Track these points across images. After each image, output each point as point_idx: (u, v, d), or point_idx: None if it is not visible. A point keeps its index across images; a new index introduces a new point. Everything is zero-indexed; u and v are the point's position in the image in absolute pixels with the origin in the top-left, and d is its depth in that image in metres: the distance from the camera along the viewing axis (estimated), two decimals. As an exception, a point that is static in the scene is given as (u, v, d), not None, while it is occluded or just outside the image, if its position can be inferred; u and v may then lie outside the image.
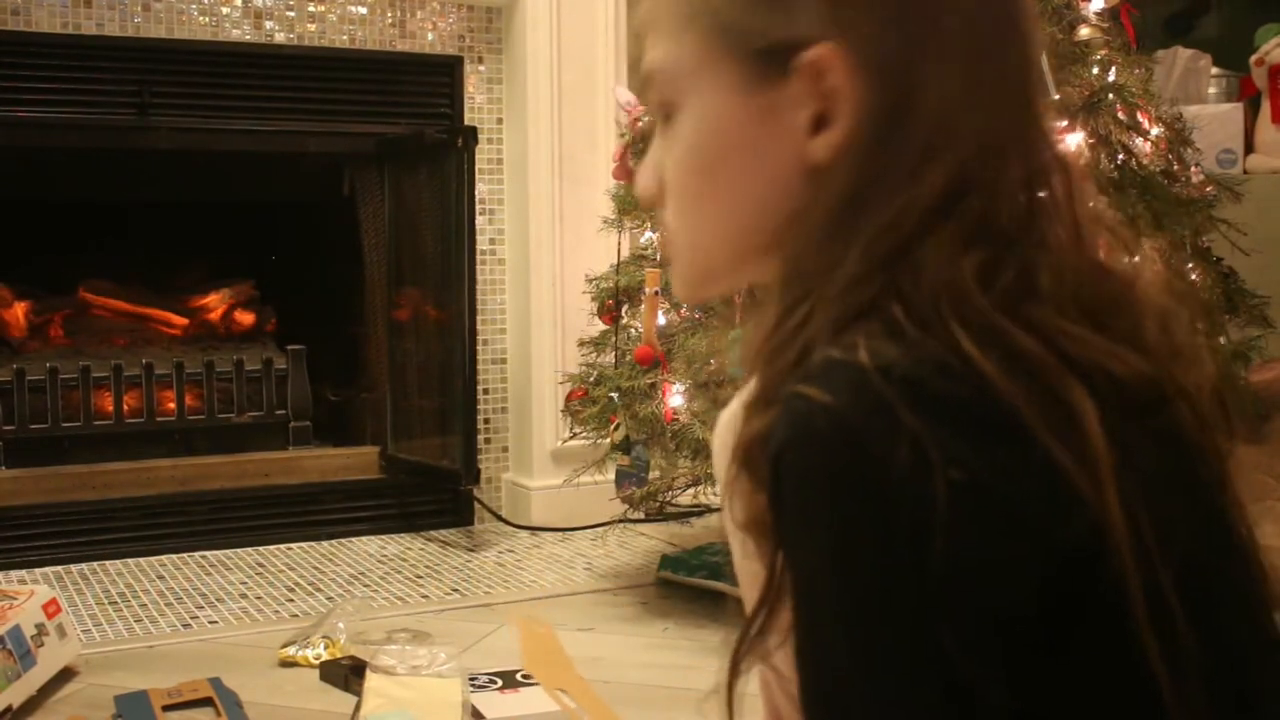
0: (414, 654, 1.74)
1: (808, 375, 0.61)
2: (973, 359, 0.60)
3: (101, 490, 2.55)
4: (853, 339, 0.62)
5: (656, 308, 2.13)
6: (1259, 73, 3.01)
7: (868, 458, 0.58)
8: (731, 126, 0.72)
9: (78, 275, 2.91)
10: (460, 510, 2.80)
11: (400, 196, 2.79)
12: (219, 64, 2.60)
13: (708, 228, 0.76)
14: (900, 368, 0.60)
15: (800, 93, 0.69)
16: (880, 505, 0.58)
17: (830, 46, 0.67)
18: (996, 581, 0.59)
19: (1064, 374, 0.62)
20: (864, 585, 0.59)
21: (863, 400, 0.59)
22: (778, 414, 0.62)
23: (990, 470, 0.59)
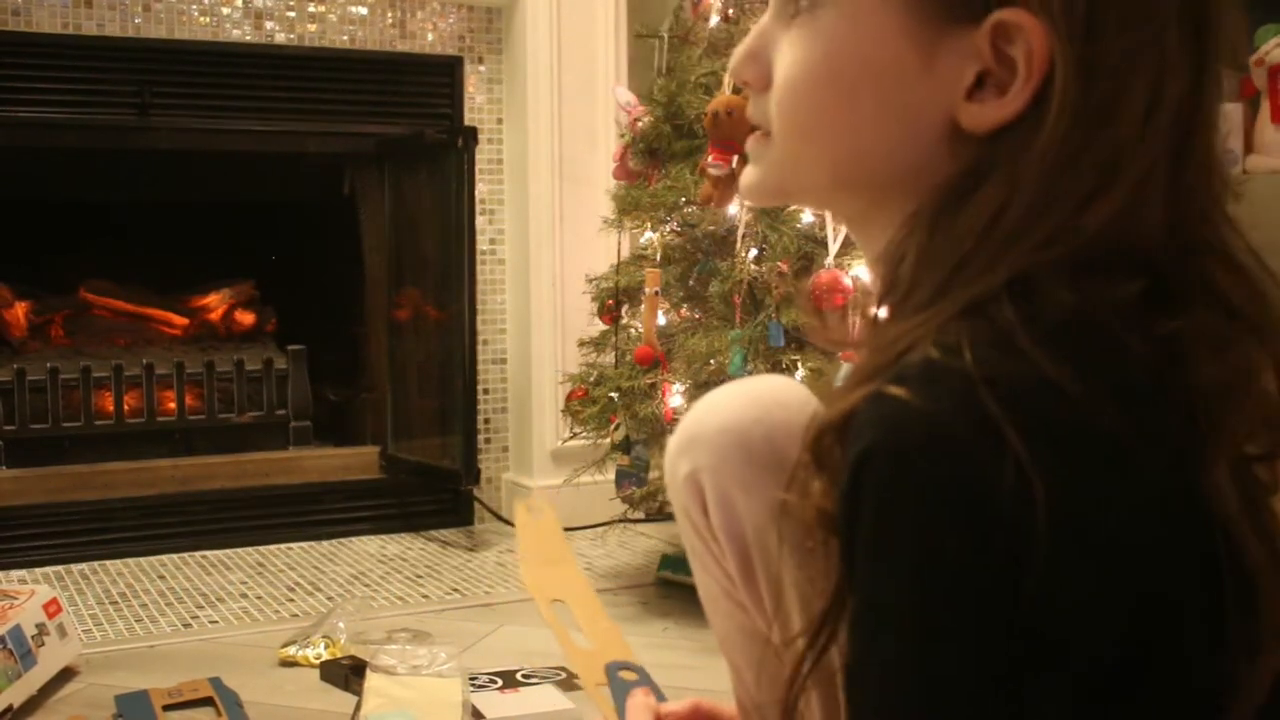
0: (414, 654, 1.74)
1: (903, 375, 0.57)
2: (1083, 385, 0.56)
3: (102, 490, 2.55)
4: (956, 340, 0.57)
5: (656, 308, 2.13)
6: (1259, 73, 3.01)
7: (969, 477, 0.54)
8: (886, 52, 0.65)
9: (78, 275, 2.91)
10: (460, 510, 2.80)
11: (400, 196, 2.79)
12: (219, 64, 2.60)
13: (814, 146, 0.70)
14: (1008, 382, 0.55)
15: (978, 48, 0.63)
16: (976, 529, 0.54)
17: (1034, 19, 0.61)
18: (1083, 619, 0.55)
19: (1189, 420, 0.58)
20: (945, 610, 0.55)
21: (968, 413, 0.55)
22: (864, 411, 0.57)
23: (1092, 505, 0.55)
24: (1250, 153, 3.00)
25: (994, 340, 0.57)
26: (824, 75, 0.67)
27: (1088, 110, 0.61)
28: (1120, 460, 0.57)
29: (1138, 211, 0.62)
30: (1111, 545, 0.56)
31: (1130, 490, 0.57)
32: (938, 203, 0.64)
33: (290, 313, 3.01)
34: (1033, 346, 0.56)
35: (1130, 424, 0.57)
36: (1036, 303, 0.59)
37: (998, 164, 0.62)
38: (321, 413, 2.88)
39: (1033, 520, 0.53)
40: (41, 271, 2.86)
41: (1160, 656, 0.57)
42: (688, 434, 0.94)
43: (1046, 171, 0.61)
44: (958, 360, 0.56)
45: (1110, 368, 0.58)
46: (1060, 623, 0.55)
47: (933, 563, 0.55)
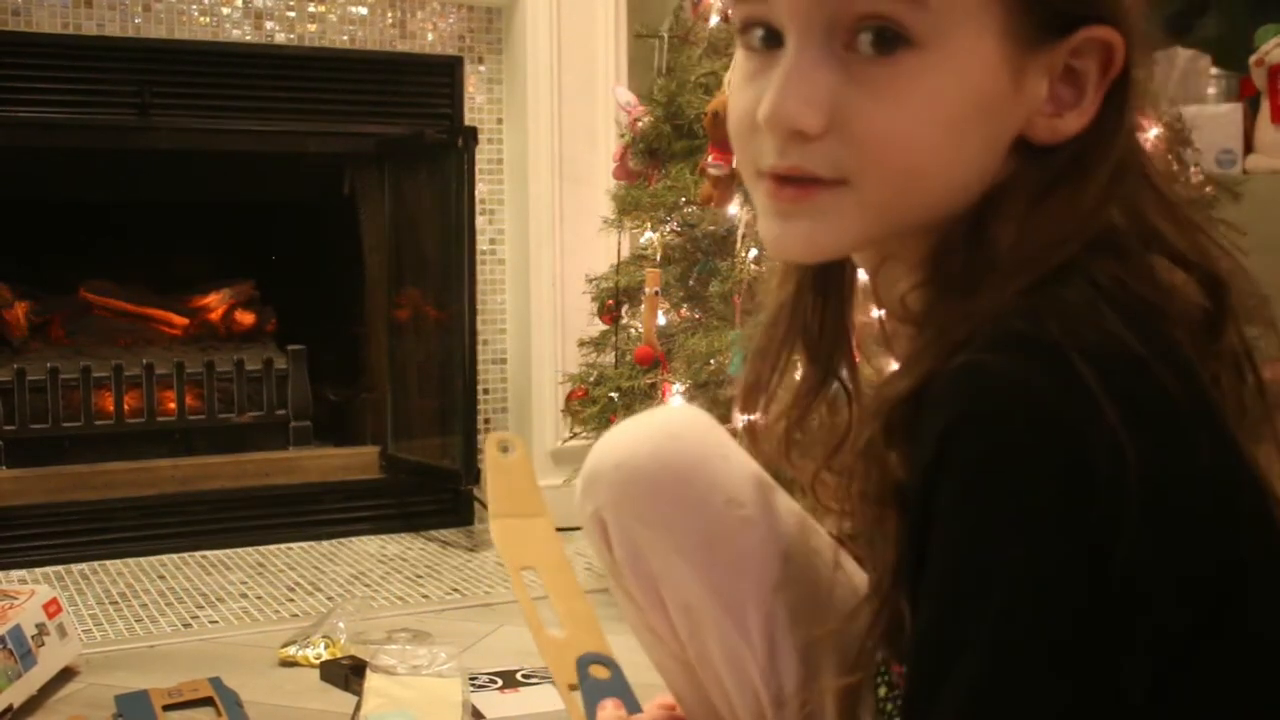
0: (414, 654, 1.74)
1: (991, 344, 0.57)
2: (1155, 357, 0.58)
3: (102, 490, 2.55)
4: (1038, 312, 0.58)
5: (656, 308, 2.13)
6: (1258, 73, 3.01)
7: (1066, 443, 0.55)
8: (990, 84, 0.64)
9: (78, 275, 2.91)
10: (460, 510, 2.80)
11: (400, 197, 2.79)
12: (219, 64, 2.60)
13: (916, 190, 0.66)
14: (1095, 352, 0.56)
15: (1054, 63, 0.65)
16: (1076, 492, 0.55)
17: (1117, 33, 0.64)
18: (1166, 582, 0.56)
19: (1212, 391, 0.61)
20: (1039, 573, 0.55)
21: (1063, 381, 0.55)
22: (951, 381, 0.58)
23: (1175, 471, 0.57)
24: (1250, 153, 3.00)
25: (1074, 313, 0.58)
26: (934, 118, 0.64)
27: (1128, 105, 0.66)
28: (1193, 429, 0.58)
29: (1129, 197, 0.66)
30: (1192, 511, 0.57)
31: (1202, 458, 0.58)
32: (994, 209, 0.65)
33: (290, 313, 3.01)
34: (1113, 319, 0.58)
35: (1191, 395, 0.59)
36: (1099, 284, 0.60)
37: (1066, 169, 0.65)
38: (321, 413, 2.88)
39: (1126, 484, 0.55)
40: (41, 271, 2.86)
41: (1232, 621, 0.58)
42: (588, 473, 0.95)
43: (1114, 172, 0.64)
44: (1044, 331, 0.57)
45: (1166, 343, 0.60)
46: (1145, 583, 0.56)
47: (1036, 523, 0.55)
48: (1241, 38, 3.10)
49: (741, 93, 0.70)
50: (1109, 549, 0.55)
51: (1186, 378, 0.59)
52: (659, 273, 2.12)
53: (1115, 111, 0.65)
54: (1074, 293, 0.59)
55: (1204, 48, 3.15)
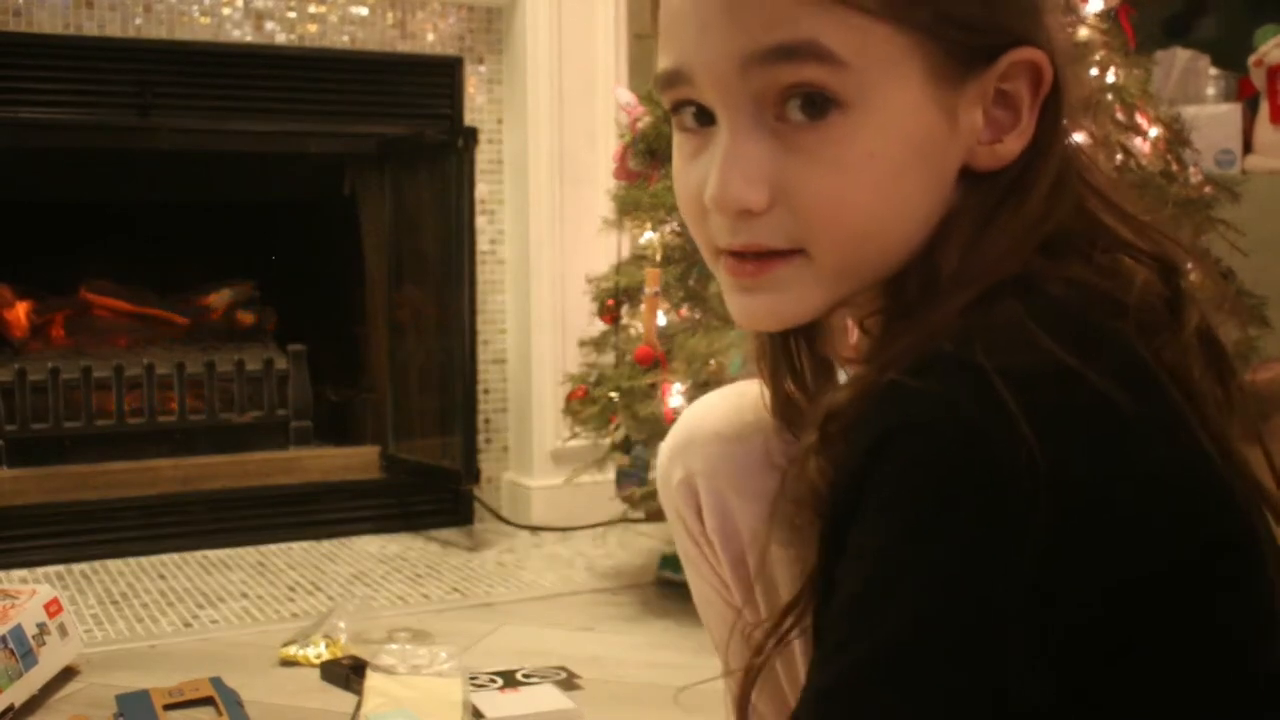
0: (414, 653, 1.75)
1: (920, 367, 0.59)
2: (1087, 367, 0.59)
3: (103, 490, 2.55)
4: (966, 335, 0.60)
5: (656, 308, 2.13)
6: (1257, 73, 3.01)
7: (986, 455, 0.57)
8: (922, 127, 0.65)
9: (79, 275, 2.91)
10: (460, 510, 2.80)
11: (400, 197, 2.80)
12: (220, 64, 2.60)
13: (876, 242, 0.67)
14: (1018, 371, 0.58)
15: (985, 91, 0.66)
16: (989, 507, 0.57)
17: (1041, 53, 0.66)
18: (1079, 599, 0.58)
19: (1175, 393, 0.61)
20: (947, 579, 0.58)
21: (980, 401, 0.57)
22: (881, 399, 0.60)
23: (1101, 481, 0.58)
24: (1249, 153, 3.00)
25: (1000, 333, 0.60)
26: (873, 173, 0.65)
27: (1060, 121, 0.67)
28: (1132, 435, 0.59)
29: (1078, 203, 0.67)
30: (1123, 517, 0.59)
31: (1138, 464, 0.60)
32: (935, 234, 0.67)
33: (290, 313, 3.01)
34: (1037, 337, 0.59)
35: (1137, 403, 0.59)
36: (1032, 299, 0.62)
37: (1003, 190, 0.66)
38: (321, 413, 2.89)
39: (1038, 495, 0.56)
40: (42, 271, 2.86)
41: (1192, 620, 0.60)
42: (681, 439, 0.94)
43: (1054, 183, 0.66)
44: (968, 352, 0.59)
45: (1109, 349, 0.61)
46: (1061, 591, 0.57)
47: (950, 531, 0.58)
48: (1241, 38, 3.11)
49: (685, 175, 0.71)
50: (1021, 557, 0.57)
51: (1132, 383, 0.60)
52: (659, 273, 2.13)
53: (1051, 126, 0.67)
54: (1005, 312, 0.61)
55: (1203, 48, 3.16)
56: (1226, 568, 0.61)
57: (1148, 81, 2.09)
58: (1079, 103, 0.68)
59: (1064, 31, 0.68)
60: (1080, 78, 0.68)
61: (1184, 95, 3.03)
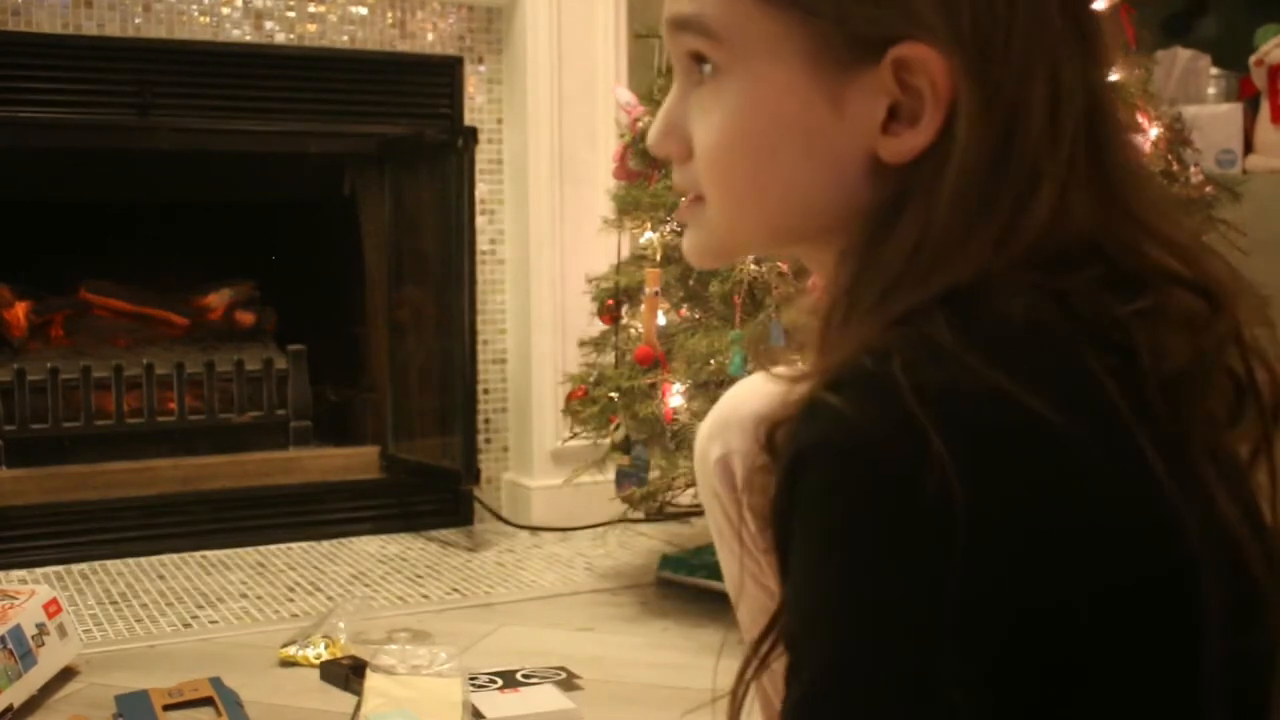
0: (414, 654, 1.75)
1: (837, 382, 0.59)
2: (1018, 387, 0.57)
3: (102, 490, 2.55)
4: (887, 349, 0.59)
5: (656, 308, 2.13)
6: (1258, 73, 3.01)
7: (891, 479, 0.56)
8: (795, 105, 0.67)
9: (78, 275, 2.91)
10: (460, 510, 2.80)
11: (400, 197, 2.80)
12: (219, 64, 2.60)
13: (748, 208, 0.71)
14: (935, 388, 0.57)
15: (880, 85, 0.65)
16: (897, 530, 0.56)
17: (929, 48, 0.64)
18: (1004, 618, 0.57)
19: (1128, 415, 0.59)
20: (865, 603, 0.57)
21: (893, 419, 0.56)
22: (800, 415, 0.60)
23: (1023, 507, 0.57)
24: (1250, 153, 3.00)
25: (923, 348, 0.59)
26: (740, 138, 0.69)
27: (995, 123, 0.64)
28: (1056, 459, 0.58)
29: (1070, 209, 0.64)
30: (1044, 540, 0.57)
31: (1067, 489, 0.58)
32: (864, 233, 0.67)
33: (290, 313, 3.01)
34: (962, 353, 0.58)
35: (1073, 423, 0.58)
36: (975, 312, 0.60)
37: (917, 189, 0.65)
38: (321, 413, 2.88)
39: (953, 524, 0.55)
40: (41, 271, 2.86)
41: (1125, 646, 0.58)
42: (721, 418, 0.96)
43: (964, 189, 0.63)
44: (887, 367, 0.58)
45: (1051, 370, 0.59)
46: (978, 618, 0.56)
47: (855, 560, 0.57)
48: (1241, 38, 3.11)
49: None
50: (940, 582, 0.56)
51: (1069, 405, 0.58)
52: (659, 273, 2.12)
53: (964, 123, 0.64)
54: (934, 325, 0.60)
55: (1204, 48, 3.16)
56: (1155, 599, 0.59)
57: (1148, 81, 2.09)
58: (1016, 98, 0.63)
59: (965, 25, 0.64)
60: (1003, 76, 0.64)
61: (1185, 95, 3.03)
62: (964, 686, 0.56)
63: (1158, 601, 0.59)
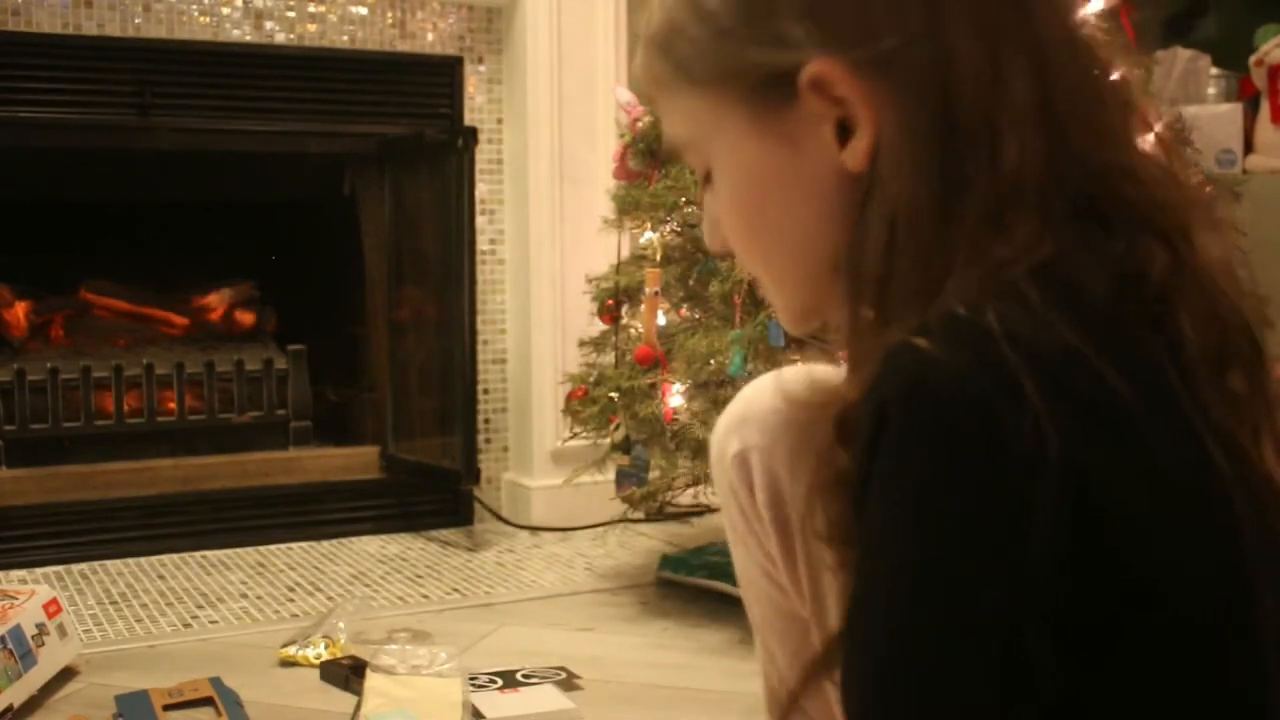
0: (414, 654, 1.75)
1: (925, 329, 0.59)
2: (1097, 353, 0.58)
3: (102, 490, 2.55)
4: (980, 299, 0.59)
5: (656, 308, 2.13)
6: (1258, 73, 3.01)
7: (987, 424, 0.56)
8: (761, 165, 0.72)
9: (78, 275, 2.91)
10: (460, 510, 2.80)
11: (400, 197, 2.79)
12: (219, 64, 2.60)
13: (778, 264, 0.77)
14: (1029, 341, 0.57)
15: (814, 110, 0.68)
16: (991, 475, 0.56)
17: (826, 59, 0.66)
18: (1089, 577, 0.57)
19: (1186, 400, 0.60)
20: (954, 546, 0.57)
21: (989, 365, 0.57)
22: (885, 365, 0.59)
23: (1103, 466, 0.58)
24: (1250, 153, 3.00)
25: (1015, 303, 0.59)
26: (739, 213, 0.76)
27: (924, 99, 0.65)
28: (1131, 429, 0.59)
29: (1041, 157, 0.64)
30: (1117, 509, 0.58)
31: (1141, 460, 0.59)
32: (877, 233, 0.68)
33: (290, 313, 3.01)
34: (1050, 312, 0.58)
35: (1142, 400, 0.59)
36: (1055, 282, 0.60)
37: (878, 180, 0.67)
38: (321, 413, 2.88)
39: (1046, 472, 0.55)
40: (41, 271, 2.86)
41: (1163, 626, 0.59)
42: (739, 413, 0.97)
43: (916, 163, 0.65)
44: (981, 317, 0.58)
45: (1122, 346, 0.60)
46: (1058, 573, 0.56)
47: (947, 500, 0.57)
48: (1241, 38, 3.11)
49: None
50: (1025, 534, 0.56)
51: (1138, 378, 0.59)
52: (659, 273, 2.12)
53: (888, 109, 0.66)
54: (1024, 289, 0.60)
55: (1204, 48, 3.16)
56: (1215, 573, 0.60)
57: (1148, 81, 2.09)
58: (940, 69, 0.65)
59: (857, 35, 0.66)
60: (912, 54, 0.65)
61: (1185, 95, 3.03)
62: (1041, 632, 0.56)
63: (1218, 572, 0.60)
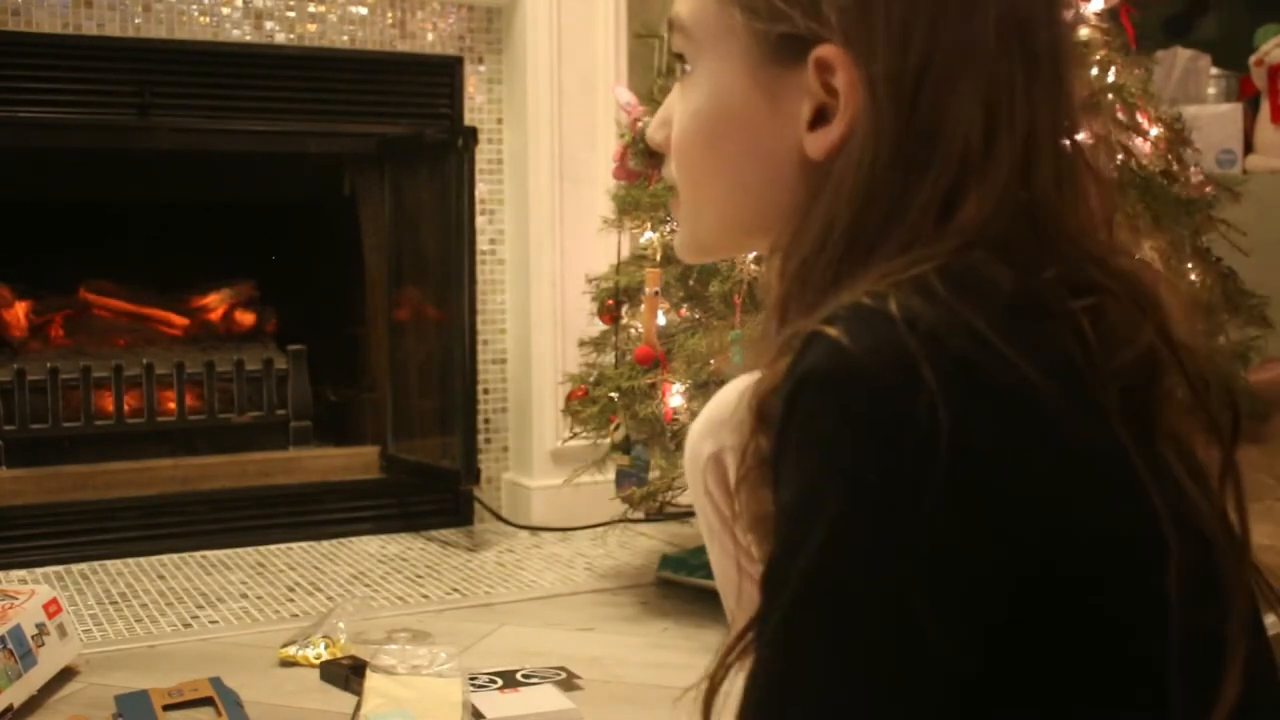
0: (414, 654, 1.75)
1: (833, 317, 0.61)
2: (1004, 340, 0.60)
3: (102, 490, 2.55)
4: (884, 290, 0.62)
5: (656, 308, 2.13)
6: (1258, 73, 3.02)
7: (883, 408, 0.59)
8: (739, 99, 0.73)
9: (78, 275, 2.91)
10: (460, 510, 2.80)
11: (400, 197, 2.79)
12: (219, 64, 2.60)
13: (705, 196, 0.78)
14: (929, 326, 0.60)
15: (807, 85, 0.69)
16: (885, 457, 0.59)
17: (840, 50, 0.67)
18: (982, 554, 0.59)
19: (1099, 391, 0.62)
20: (845, 526, 0.59)
21: (886, 348, 0.59)
22: (793, 356, 0.62)
23: (1001, 445, 0.60)
24: (1250, 153, 3.00)
25: (919, 293, 0.61)
26: (697, 131, 0.76)
27: (914, 120, 0.66)
28: (1038, 412, 0.60)
29: (1004, 223, 0.66)
30: (1015, 487, 0.60)
31: (1043, 437, 0.61)
32: (791, 225, 0.71)
33: (290, 313, 3.01)
34: (954, 301, 0.61)
35: (1050, 386, 0.60)
36: (966, 277, 0.63)
37: (830, 181, 0.68)
38: (321, 413, 2.88)
39: (938, 453, 0.58)
40: (41, 271, 2.86)
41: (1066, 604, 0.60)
42: (713, 416, 0.98)
43: (866, 184, 0.66)
44: (884, 304, 0.61)
45: (1032, 338, 0.62)
46: (957, 550, 0.58)
47: (845, 479, 0.59)
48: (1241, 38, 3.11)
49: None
50: (919, 500, 0.58)
51: (1044, 363, 0.61)
52: (659, 273, 2.12)
53: (863, 121, 0.67)
54: (930, 280, 0.62)
55: (1204, 48, 3.16)
56: (1123, 549, 0.62)
57: (1149, 81, 2.09)
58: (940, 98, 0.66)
59: (866, 26, 0.67)
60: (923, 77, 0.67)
61: (1185, 95, 3.03)
62: (934, 605, 0.58)
63: (1124, 552, 0.62)
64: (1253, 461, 0.71)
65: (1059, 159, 0.69)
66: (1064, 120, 0.70)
